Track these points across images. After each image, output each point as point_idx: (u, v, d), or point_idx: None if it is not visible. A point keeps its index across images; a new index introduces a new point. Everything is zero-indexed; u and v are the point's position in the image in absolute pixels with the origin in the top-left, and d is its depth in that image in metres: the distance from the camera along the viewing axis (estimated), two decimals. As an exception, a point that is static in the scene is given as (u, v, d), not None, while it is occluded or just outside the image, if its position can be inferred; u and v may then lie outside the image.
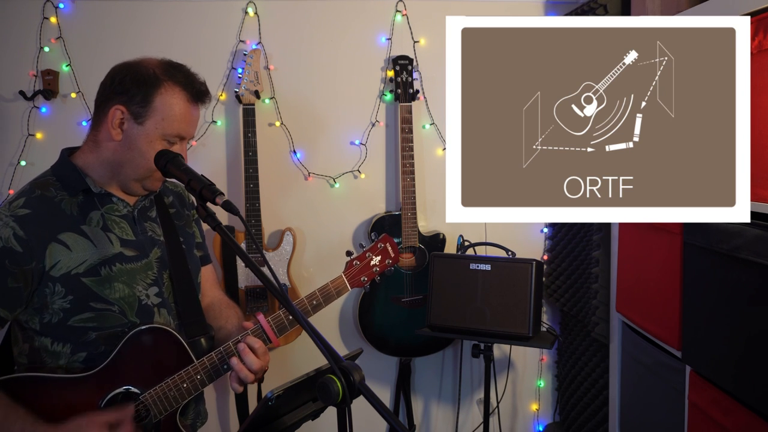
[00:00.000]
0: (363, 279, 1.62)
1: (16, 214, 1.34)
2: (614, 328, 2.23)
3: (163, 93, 1.39)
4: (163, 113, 1.39)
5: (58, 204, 1.39)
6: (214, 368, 1.43)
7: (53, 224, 1.36)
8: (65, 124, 2.57)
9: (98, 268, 1.38)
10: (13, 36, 2.54)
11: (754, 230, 1.36)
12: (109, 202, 1.46)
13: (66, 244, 1.36)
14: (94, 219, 1.42)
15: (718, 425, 1.52)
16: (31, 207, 1.36)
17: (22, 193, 1.40)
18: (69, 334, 1.36)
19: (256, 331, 1.46)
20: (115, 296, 1.39)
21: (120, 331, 1.39)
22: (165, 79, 1.40)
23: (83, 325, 1.36)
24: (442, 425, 2.89)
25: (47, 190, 1.40)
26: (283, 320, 1.49)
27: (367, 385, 1.03)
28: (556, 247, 2.73)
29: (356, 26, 2.68)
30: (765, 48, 1.40)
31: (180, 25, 2.59)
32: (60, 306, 1.35)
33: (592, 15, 2.29)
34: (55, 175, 1.44)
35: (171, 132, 1.40)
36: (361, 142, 2.71)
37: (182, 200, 1.66)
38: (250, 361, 1.41)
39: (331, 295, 1.58)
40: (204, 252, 1.70)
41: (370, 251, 1.64)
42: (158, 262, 1.49)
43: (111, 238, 1.42)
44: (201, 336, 1.49)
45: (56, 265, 1.34)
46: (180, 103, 1.41)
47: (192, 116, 1.45)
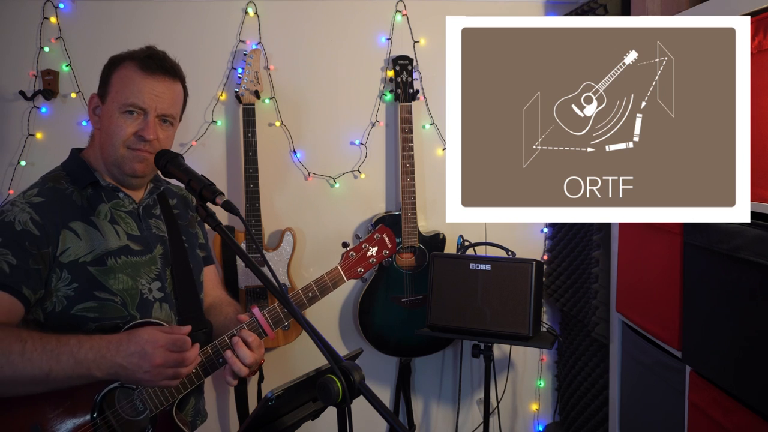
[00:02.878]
0: (360, 270, 1.60)
1: (31, 201, 1.38)
2: (614, 328, 2.23)
3: (120, 69, 1.45)
4: (116, 86, 1.44)
5: (69, 195, 1.44)
6: (210, 362, 1.43)
7: (65, 213, 1.40)
8: (65, 124, 2.57)
9: (104, 258, 1.41)
10: (13, 36, 2.54)
11: (754, 230, 1.36)
12: (115, 197, 1.49)
13: (76, 232, 1.40)
14: (103, 212, 1.46)
15: (718, 425, 1.52)
16: (45, 196, 1.40)
17: (34, 185, 1.44)
18: (70, 324, 1.36)
19: (251, 324, 1.46)
20: (118, 287, 1.41)
21: (119, 323, 1.39)
22: (125, 58, 1.46)
23: (84, 314, 1.37)
24: (442, 425, 2.89)
25: (59, 183, 1.45)
26: (278, 313, 1.49)
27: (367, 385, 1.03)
28: (556, 247, 2.73)
29: (356, 26, 2.68)
30: (765, 48, 1.40)
31: (180, 25, 2.59)
32: (64, 293, 1.36)
33: (592, 15, 2.29)
34: (66, 169, 1.49)
35: (123, 101, 1.42)
36: (361, 142, 2.71)
37: (186, 203, 1.69)
38: (244, 354, 1.41)
39: (327, 286, 1.56)
40: (207, 253, 1.72)
41: (367, 242, 1.62)
42: (162, 258, 1.51)
43: (118, 230, 1.46)
44: (199, 331, 1.49)
45: (66, 251, 1.37)
46: (131, 74, 1.44)
47: (147, 85, 1.43)
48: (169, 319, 1.48)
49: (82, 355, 1.24)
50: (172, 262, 1.53)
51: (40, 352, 1.22)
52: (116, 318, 1.40)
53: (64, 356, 1.23)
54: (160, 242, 1.53)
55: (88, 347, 1.25)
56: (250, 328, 1.46)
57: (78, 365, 1.24)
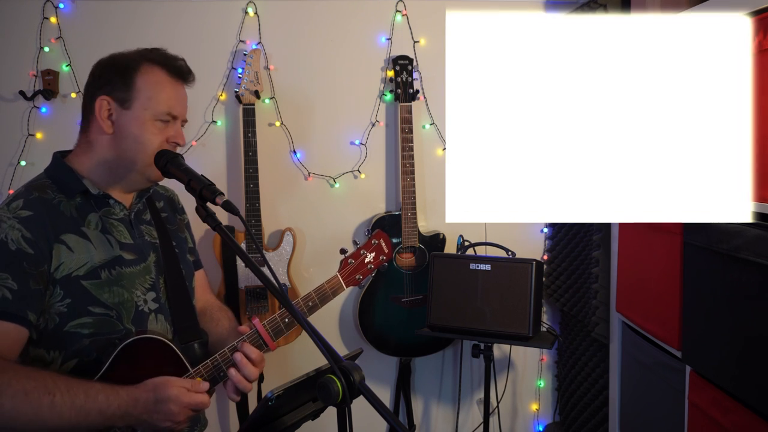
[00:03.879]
0: (358, 277, 1.62)
1: (18, 216, 1.30)
2: (614, 328, 2.23)
3: (143, 72, 1.39)
4: (147, 92, 1.38)
5: (56, 206, 1.36)
6: (211, 377, 1.40)
7: (55, 226, 1.33)
8: (65, 124, 2.57)
9: (99, 271, 1.35)
10: (13, 36, 2.54)
11: (754, 230, 1.36)
12: (106, 205, 1.43)
13: (68, 245, 1.34)
14: (93, 221, 1.40)
15: (718, 425, 1.52)
16: (32, 208, 1.32)
17: (18, 195, 1.36)
18: (63, 341, 1.33)
19: (251, 336, 1.43)
20: (113, 300, 1.36)
21: (115, 338, 1.35)
22: (142, 60, 1.40)
23: (78, 330, 1.32)
24: (442, 425, 2.89)
25: (45, 192, 1.37)
26: (279, 323, 1.47)
27: (367, 385, 1.03)
28: (556, 247, 2.73)
29: (356, 26, 2.68)
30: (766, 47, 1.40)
31: (180, 25, 2.59)
32: (57, 310, 1.31)
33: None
34: (50, 177, 1.41)
35: (160, 109, 1.39)
36: (361, 142, 2.71)
37: (173, 205, 1.65)
38: (249, 372, 1.39)
39: (327, 295, 1.57)
40: (196, 257, 1.68)
41: (365, 248, 1.63)
42: (155, 265, 1.47)
43: (110, 240, 1.40)
44: (194, 341, 1.47)
45: (59, 267, 1.31)
46: (162, 79, 1.40)
47: (178, 92, 1.43)
48: (164, 331, 1.45)
49: (110, 413, 1.25)
50: (165, 270, 1.48)
51: (69, 407, 1.22)
52: (112, 333, 1.35)
53: (93, 413, 1.23)
54: (153, 249, 1.48)
55: (116, 406, 1.25)
56: (251, 340, 1.43)
57: (105, 420, 1.25)
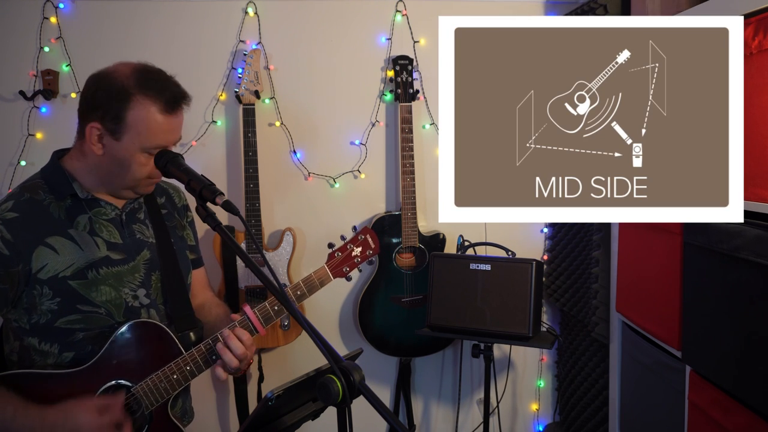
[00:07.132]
0: (345, 269, 1.66)
1: (4, 218, 1.36)
2: (614, 328, 2.23)
3: (134, 108, 1.35)
4: (138, 129, 1.36)
5: (46, 208, 1.41)
6: (203, 358, 1.46)
7: (41, 228, 1.38)
8: (65, 124, 2.56)
9: (85, 272, 1.40)
10: (13, 36, 2.54)
11: (754, 230, 1.36)
12: (96, 205, 1.46)
13: (54, 247, 1.38)
14: (81, 223, 1.43)
15: (718, 425, 1.52)
16: (20, 210, 1.38)
17: (11, 196, 1.41)
18: (57, 335, 1.39)
19: (243, 322, 1.48)
20: (101, 299, 1.41)
21: (106, 331, 1.41)
22: (135, 92, 1.35)
23: (70, 326, 1.39)
24: (442, 425, 2.89)
25: (36, 194, 1.41)
26: (268, 310, 1.51)
27: (367, 385, 1.03)
28: (556, 247, 2.73)
29: (356, 26, 2.68)
30: (765, 48, 1.41)
31: (180, 25, 2.59)
32: (48, 307, 1.37)
33: (592, 15, 2.29)
34: (44, 178, 1.45)
35: (150, 145, 1.38)
36: (361, 142, 2.71)
37: (173, 203, 1.67)
38: (235, 345, 1.43)
39: (315, 285, 1.62)
40: (197, 255, 1.71)
41: (351, 243, 1.68)
42: (146, 264, 1.51)
43: (98, 242, 1.44)
44: (190, 330, 1.51)
45: (44, 268, 1.36)
46: (153, 117, 1.36)
47: (170, 125, 1.40)
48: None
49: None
50: (160, 265, 1.52)
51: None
52: (104, 327, 1.41)
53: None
54: (145, 247, 1.51)
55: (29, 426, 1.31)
56: (242, 325, 1.47)
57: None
